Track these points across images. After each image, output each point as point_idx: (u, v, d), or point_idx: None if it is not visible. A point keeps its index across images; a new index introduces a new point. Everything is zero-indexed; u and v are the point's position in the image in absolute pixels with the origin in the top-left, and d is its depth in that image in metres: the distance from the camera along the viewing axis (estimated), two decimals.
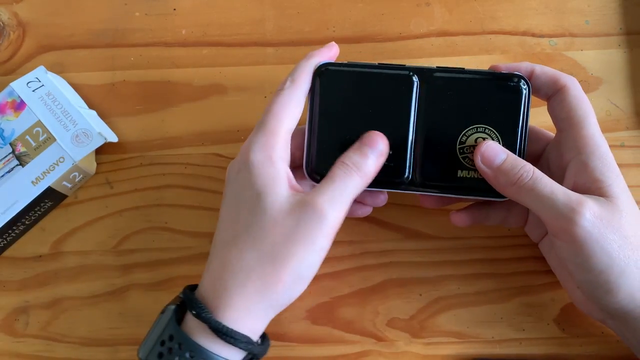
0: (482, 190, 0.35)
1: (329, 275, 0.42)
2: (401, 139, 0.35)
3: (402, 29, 0.46)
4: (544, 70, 0.36)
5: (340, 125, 0.36)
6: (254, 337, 0.33)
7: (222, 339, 0.31)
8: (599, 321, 0.37)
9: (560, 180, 0.35)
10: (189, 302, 0.33)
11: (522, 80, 0.35)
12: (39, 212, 0.42)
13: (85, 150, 0.41)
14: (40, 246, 0.43)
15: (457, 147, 0.35)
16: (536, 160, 0.38)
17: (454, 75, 0.35)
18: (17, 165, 0.40)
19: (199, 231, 0.43)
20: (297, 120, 0.35)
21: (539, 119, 0.41)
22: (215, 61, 0.46)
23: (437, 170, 0.35)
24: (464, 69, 0.36)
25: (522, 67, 0.36)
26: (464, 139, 0.35)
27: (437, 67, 0.36)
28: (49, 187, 0.40)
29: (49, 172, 0.40)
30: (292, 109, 0.35)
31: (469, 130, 0.35)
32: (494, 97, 0.35)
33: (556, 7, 0.46)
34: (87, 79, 0.45)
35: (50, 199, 0.42)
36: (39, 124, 0.41)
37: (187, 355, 0.31)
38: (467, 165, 0.35)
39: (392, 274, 0.42)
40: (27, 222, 0.42)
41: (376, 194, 0.38)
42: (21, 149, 0.41)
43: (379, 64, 0.36)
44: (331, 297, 0.42)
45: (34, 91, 0.42)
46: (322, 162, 0.35)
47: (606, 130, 0.43)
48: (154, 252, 0.43)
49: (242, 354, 0.33)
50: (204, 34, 0.46)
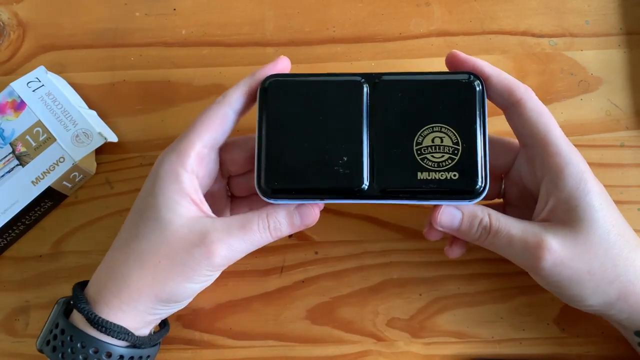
0: (447, 193, 0.34)
1: (329, 275, 0.42)
2: (356, 147, 0.34)
3: (402, 29, 0.46)
4: (500, 78, 0.34)
5: (291, 137, 0.34)
6: (135, 331, 0.34)
7: (96, 328, 0.33)
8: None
9: (536, 197, 0.35)
10: (73, 294, 0.34)
11: (471, 76, 0.34)
12: (39, 212, 0.42)
13: (85, 150, 0.41)
14: (40, 246, 0.43)
15: (414, 148, 0.34)
16: (507, 172, 0.38)
17: (403, 77, 0.35)
18: (17, 165, 0.40)
19: None
20: (225, 135, 0.35)
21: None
22: (215, 61, 0.46)
23: (397, 174, 0.34)
24: (413, 72, 0.35)
25: (478, 64, 0.35)
26: (420, 139, 0.34)
27: (385, 72, 0.35)
28: (49, 187, 0.40)
29: (49, 172, 0.40)
30: (215, 124, 0.34)
31: (425, 130, 0.34)
32: (447, 97, 0.34)
33: (556, 7, 0.46)
34: (87, 79, 0.45)
35: (50, 199, 0.42)
36: (39, 124, 0.41)
37: (79, 345, 0.33)
38: (427, 166, 0.33)
39: (392, 273, 0.42)
40: (27, 222, 0.42)
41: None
42: (21, 149, 0.41)
43: (327, 73, 0.35)
44: (331, 297, 0.42)
45: (34, 91, 0.42)
46: (272, 177, 0.34)
47: (606, 130, 0.44)
48: None
49: (123, 342, 0.34)
50: (204, 34, 0.46)
